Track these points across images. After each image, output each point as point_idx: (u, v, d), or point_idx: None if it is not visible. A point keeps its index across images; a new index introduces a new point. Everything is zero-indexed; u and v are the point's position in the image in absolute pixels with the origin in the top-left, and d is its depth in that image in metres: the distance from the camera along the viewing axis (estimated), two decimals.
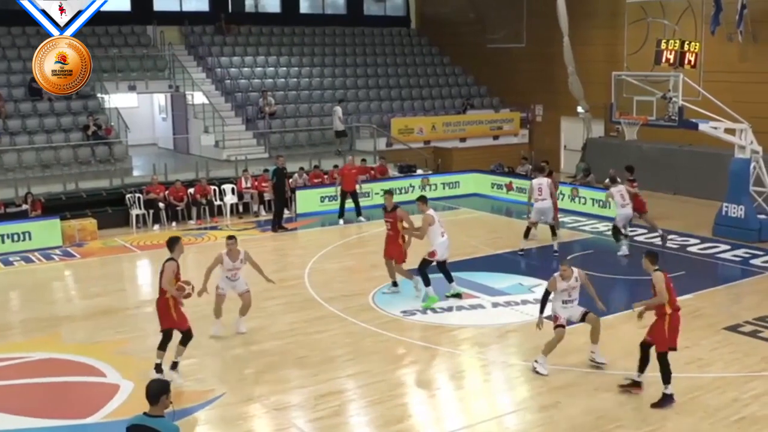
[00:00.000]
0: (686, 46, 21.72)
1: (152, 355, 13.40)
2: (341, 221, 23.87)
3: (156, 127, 34.94)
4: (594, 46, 31.37)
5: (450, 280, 16.23)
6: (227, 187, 25.24)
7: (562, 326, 12.35)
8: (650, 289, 11.44)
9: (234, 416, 11.27)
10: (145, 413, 7.18)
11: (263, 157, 28.54)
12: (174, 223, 23.63)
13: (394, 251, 16.40)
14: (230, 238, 14.58)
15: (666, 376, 11.24)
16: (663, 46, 21.99)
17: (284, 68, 34.22)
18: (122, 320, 15.53)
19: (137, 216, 23.45)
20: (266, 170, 25.00)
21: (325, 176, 26.56)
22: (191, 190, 24.34)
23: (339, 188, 24.47)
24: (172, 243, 12.64)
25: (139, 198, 23.58)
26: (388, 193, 17.07)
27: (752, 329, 14.33)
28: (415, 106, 34.68)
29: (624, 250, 19.60)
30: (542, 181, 20.18)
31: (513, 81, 35.24)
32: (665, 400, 11.22)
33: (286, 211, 23.88)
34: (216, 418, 11.35)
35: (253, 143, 29.74)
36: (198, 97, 30.63)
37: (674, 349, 11.33)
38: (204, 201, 24.30)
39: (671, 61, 21.71)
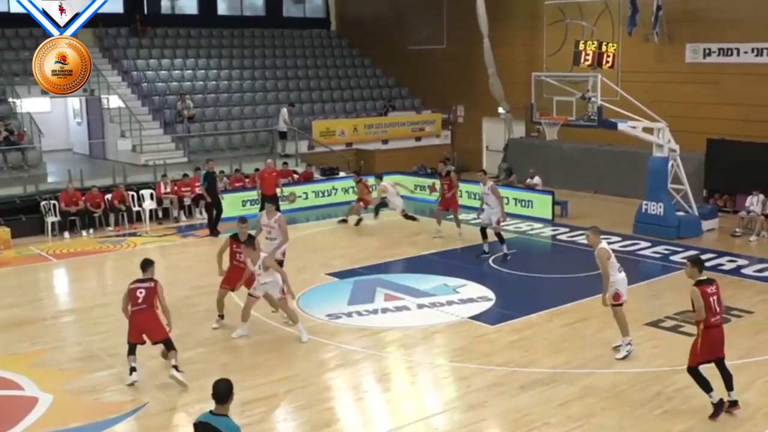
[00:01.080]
0: (604, 47, 22.13)
1: (71, 366, 13.20)
2: None
3: (71, 132, 34.29)
4: (514, 47, 31.77)
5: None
6: (146, 192, 24.85)
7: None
8: (574, 287, 11.53)
9: (156, 426, 11.10)
10: (211, 411, 7.53)
11: (182, 162, 28.21)
12: (91, 231, 23.18)
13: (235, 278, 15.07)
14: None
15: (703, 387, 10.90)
16: (581, 47, 22.38)
17: (202, 71, 33.90)
18: (39, 331, 15.15)
19: (53, 224, 22.93)
20: (185, 175, 24.70)
21: (246, 180, 26.38)
22: (108, 196, 23.90)
23: (259, 192, 24.30)
24: (146, 265, 12.82)
25: (54, 205, 23.06)
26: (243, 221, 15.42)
27: (673, 324, 14.65)
28: (336, 108, 34.66)
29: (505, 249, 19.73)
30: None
31: (434, 82, 35.49)
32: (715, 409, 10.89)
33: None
34: (138, 429, 11.15)
35: (172, 147, 29.35)
36: (114, 101, 30.10)
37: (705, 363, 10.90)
38: (122, 207, 23.90)
39: (589, 61, 22.10)
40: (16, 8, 29.64)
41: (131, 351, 12.46)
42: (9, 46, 29.96)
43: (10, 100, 28.26)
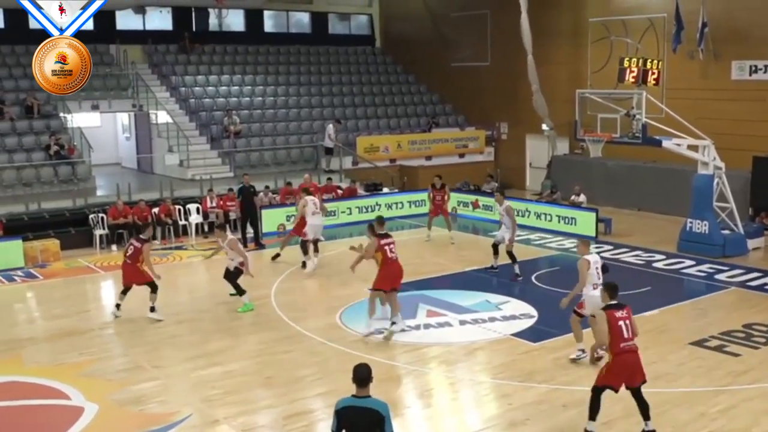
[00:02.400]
0: (649, 64, 21.98)
1: (117, 376, 13.35)
2: None
3: (119, 147, 34.74)
4: (558, 64, 31.66)
5: None
6: (192, 206, 25.06)
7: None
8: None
9: None
10: (353, 395, 7.78)
11: (228, 177, 28.42)
12: None
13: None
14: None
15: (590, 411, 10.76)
16: (626, 64, 22.25)
17: (249, 87, 34.15)
18: (86, 342, 15.32)
19: (101, 236, 23.20)
20: (231, 189, 24.84)
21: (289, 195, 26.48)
22: (155, 210, 24.14)
23: (298, 207, 24.31)
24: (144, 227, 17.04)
25: (102, 218, 23.34)
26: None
27: (718, 344, 14.44)
28: (380, 124, 34.74)
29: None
30: (313, 198, 20.80)
31: (478, 99, 35.43)
32: None
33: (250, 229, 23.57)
34: None
35: (218, 162, 29.60)
36: (162, 116, 30.46)
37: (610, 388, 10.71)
38: (169, 221, 24.12)
39: (634, 78, 21.95)
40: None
41: (123, 292, 16.63)
42: None
43: (62, 115, 28.69)
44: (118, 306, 16.71)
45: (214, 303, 17.75)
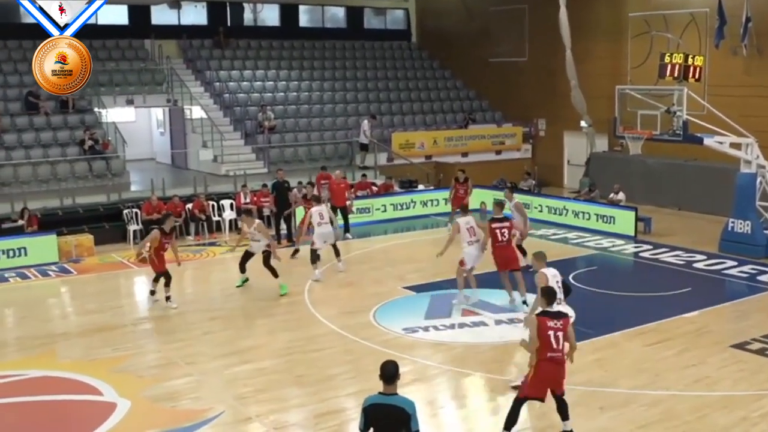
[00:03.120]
0: (690, 60, 21.70)
1: (149, 372, 13.46)
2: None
3: (154, 142, 34.99)
4: (597, 59, 31.42)
5: None
6: (226, 202, 25.19)
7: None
8: (657, 306, 11.30)
9: None
10: (380, 393, 7.83)
11: (262, 172, 28.51)
12: None
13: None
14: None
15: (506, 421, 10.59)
16: (667, 59, 21.97)
17: (283, 82, 34.26)
18: (119, 337, 15.45)
19: (134, 231, 23.37)
20: (264, 185, 24.89)
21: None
22: (189, 206, 24.29)
23: (328, 204, 24.33)
24: (164, 218, 17.35)
25: (136, 214, 23.52)
26: None
27: (760, 347, 14.25)
28: (416, 120, 34.69)
29: None
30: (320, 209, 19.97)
31: (515, 95, 35.26)
32: None
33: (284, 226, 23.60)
34: None
35: (252, 158, 29.72)
36: (196, 112, 30.64)
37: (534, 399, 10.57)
38: (202, 217, 24.25)
39: (675, 74, 21.70)
40: (104, 20, 30.55)
41: (155, 279, 17.37)
42: (96, 57, 30.64)
43: (96, 109, 28.95)
44: (152, 292, 17.62)
45: (247, 299, 17.83)
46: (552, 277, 12.59)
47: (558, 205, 25.52)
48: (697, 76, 21.79)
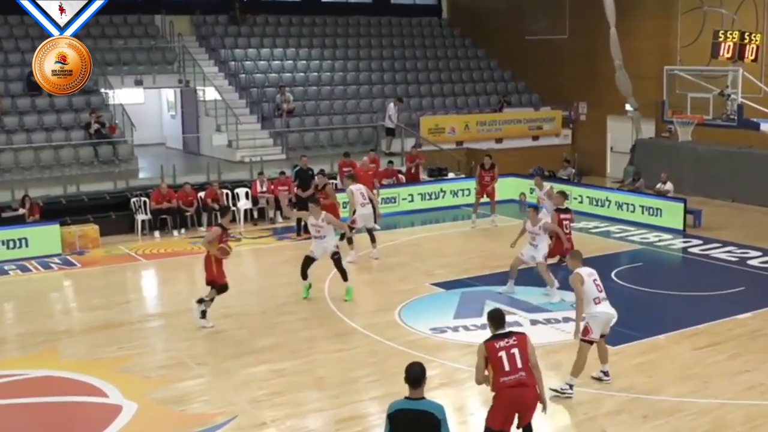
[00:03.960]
0: (746, 38, 21.57)
1: (157, 373, 13.52)
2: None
3: (164, 126, 35.18)
4: (644, 38, 31.21)
5: None
6: (241, 191, 25.26)
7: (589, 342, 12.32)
8: (707, 306, 11.22)
9: None
10: (406, 397, 7.85)
11: (280, 159, 28.59)
12: (183, 230, 23.70)
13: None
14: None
15: None
16: (720, 37, 21.85)
17: (304, 62, 34.28)
18: (125, 335, 15.54)
19: (143, 222, 23.51)
20: (282, 173, 24.91)
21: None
22: (202, 194, 24.37)
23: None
24: (224, 212, 16.31)
25: (145, 203, 23.64)
26: None
27: None
28: (446, 103, 34.62)
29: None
30: (360, 187, 20.80)
31: (554, 76, 35.11)
32: None
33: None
34: None
35: (270, 143, 29.80)
36: (210, 93, 30.71)
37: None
38: (216, 206, 24.30)
39: (730, 54, 21.55)
40: None
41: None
42: (103, 34, 30.84)
43: (103, 90, 29.06)
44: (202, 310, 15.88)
45: (264, 296, 17.88)
46: (588, 276, 12.42)
47: (600, 195, 25.40)
48: (753, 56, 21.67)
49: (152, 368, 13.83)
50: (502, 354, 9.50)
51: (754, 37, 21.84)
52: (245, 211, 25.07)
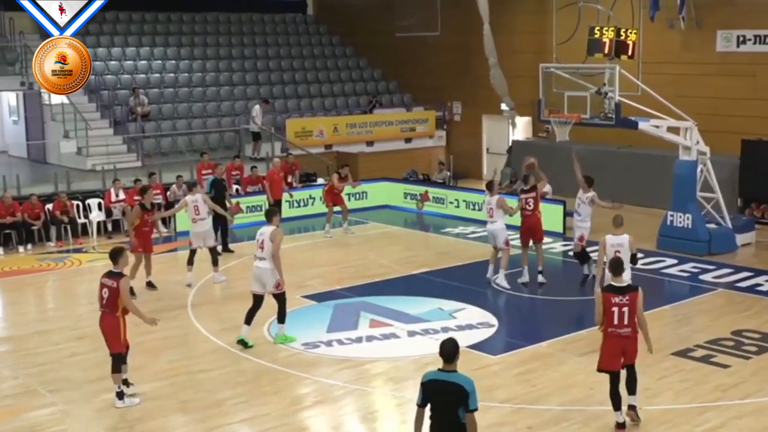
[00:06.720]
0: (623, 35, 22.08)
1: (4, 403, 13.14)
2: None
3: (5, 132, 34.28)
4: (519, 34, 31.84)
5: None
6: (93, 201, 24.78)
7: None
8: (589, 311, 11.46)
9: None
10: (440, 369, 8.78)
11: (135, 166, 28.14)
12: (29, 246, 23.09)
13: None
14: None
15: None
16: (596, 34, 22.31)
17: (159, 62, 33.86)
18: None
19: None
20: (138, 180, 24.49)
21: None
22: (49, 206, 23.82)
23: (267, 197, 24.20)
24: (116, 255, 12.70)
25: None
26: None
27: (704, 354, 14.65)
28: (313, 104, 34.67)
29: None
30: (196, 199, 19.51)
31: (427, 75, 35.51)
32: None
33: (164, 230, 22.90)
34: None
35: (123, 150, 29.29)
36: (56, 96, 29.98)
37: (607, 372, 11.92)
38: (65, 219, 23.78)
39: (606, 51, 22.07)
40: None
41: (115, 365, 12.85)
42: None
43: None
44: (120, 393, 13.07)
45: None
46: (611, 246, 14.76)
47: (476, 199, 25.71)
48: (630, 53, 22.20)
49: None
50: (615, 309, 11.52)
51: (631, 33, 22.44)
52: (98, 223, 24.58)
